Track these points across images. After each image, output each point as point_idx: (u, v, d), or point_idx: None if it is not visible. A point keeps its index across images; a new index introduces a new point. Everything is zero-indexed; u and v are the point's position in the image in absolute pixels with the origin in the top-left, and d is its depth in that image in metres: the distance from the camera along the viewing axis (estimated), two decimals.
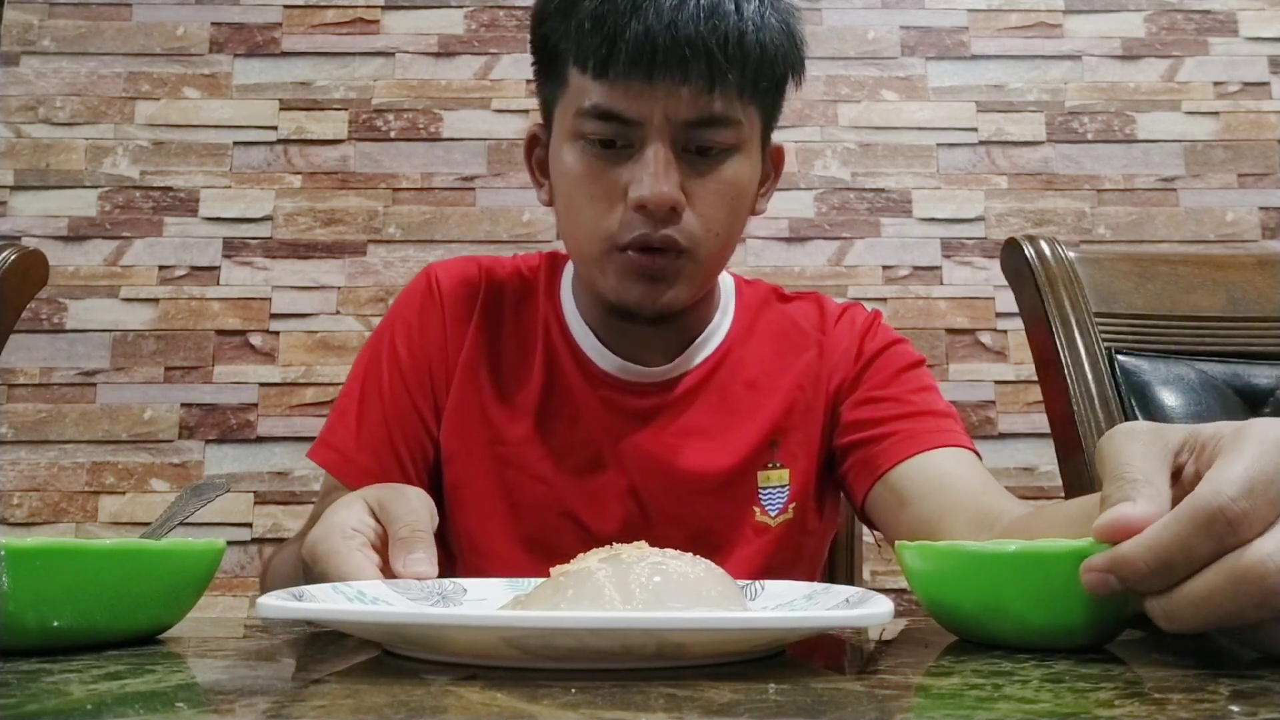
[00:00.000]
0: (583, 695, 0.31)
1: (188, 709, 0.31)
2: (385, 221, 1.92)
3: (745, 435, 0.84)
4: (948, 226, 1.95)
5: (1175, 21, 2.02)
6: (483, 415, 0.84)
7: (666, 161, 0.72)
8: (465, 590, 0.54)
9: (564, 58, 0.75)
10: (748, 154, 0.77)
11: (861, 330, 0.88)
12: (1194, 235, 1.95)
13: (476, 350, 0.85)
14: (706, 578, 0.44)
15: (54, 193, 1.90)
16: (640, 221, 0.73)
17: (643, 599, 0.41)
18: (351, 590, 0.48)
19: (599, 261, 0.76)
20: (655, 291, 0.76)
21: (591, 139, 0.74)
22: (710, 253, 0.77)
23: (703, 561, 0.45)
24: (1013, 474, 1.86)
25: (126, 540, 0.43)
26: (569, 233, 0.79)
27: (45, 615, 0.40)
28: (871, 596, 0.41)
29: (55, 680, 0.35)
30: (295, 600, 0.41)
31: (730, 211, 0.77)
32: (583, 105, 0.74)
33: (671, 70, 0.70)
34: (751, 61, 0.72)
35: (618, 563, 0.43)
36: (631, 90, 0.71)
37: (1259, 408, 0.85)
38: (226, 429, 1.84)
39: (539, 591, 0.45)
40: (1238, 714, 0.29)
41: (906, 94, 2.00)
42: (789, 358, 0.87)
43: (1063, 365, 0.83)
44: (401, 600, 0.50)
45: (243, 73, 1.97)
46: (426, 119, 1.96)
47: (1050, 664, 0.38)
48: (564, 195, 0.78)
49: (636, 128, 0.73)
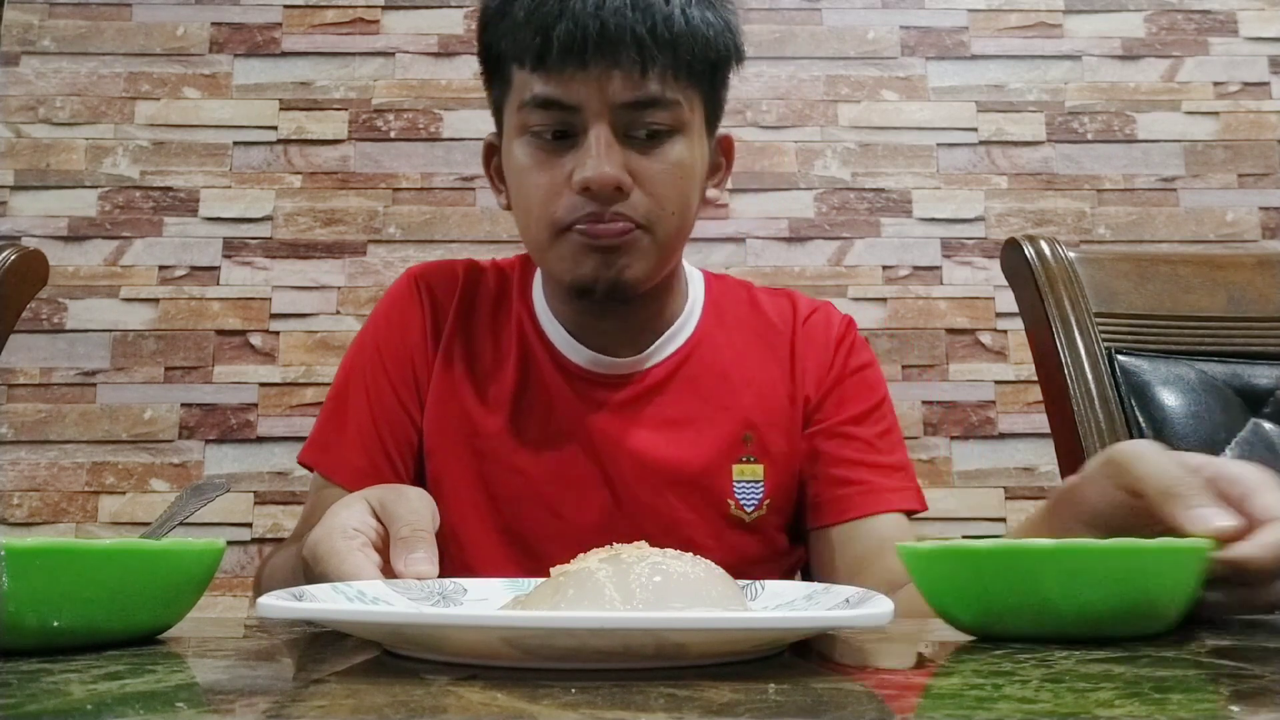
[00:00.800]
0: (583, 695, 0.31)
1: (188, 709, 0.31)
2: (385, 221, 1.93)
3: (718, 428, 0.85)
4: (948, 226, 1.95)
5: (1175, 21, 2.02)
6: (460, 409, 0.85)
7: (608, 143, 0.74)
8: (465, 590, 0.54)
9: (505, 58, 0.79)
10: (690, 137, 0.79)
11: (836, 339, 0.90)
12: (1194, 235, 1.95)
13: (453, 346, 0.87)
14: (707, 578, 0.44)
15: (54, 193, 1.90)
16: (586, 203, 0.75)
17: (643, 599, 0.41)
18: (351, 590, 0.48)
19: (550, 246, 0.78)
20: (608, 264, 0.77)
21: (537, 130, 0.77)
22: (668, 229, 0.78)
23: (703, 562, 0.45)
24: (1013, 474, 1.86)
25: (126, 540, 0.43)
26: (522, 225, 0.81)
27: (45, 615, 0.40)
28: (872, 596, 0.41)
29: (55, 680, 0.35)
30: (295, 600, 0.41)
31: (679, 191, 0.78)
32: (525, 98, 0.76)
33: (603, 57, 0.73)
34: (683, 44, 0.75)
35: (618, 563, 0.43)
36: (567, 78, 0.74)
37: (1259, 408, 0.85)
38: (226, 429, 1.84)
39: (539, 592, 0.45)
40: (1238, 714, 0.29)
41: (906, 94, 2.00)
42: (761, 352, 0.89)
43: (1063, 365, 0.84)
44: (401, 600, 0.50)
45: (243, 73, 1.97)
46: (426, 119, 1.96)
47: (1050, 664, 0.38)
48: (515, 190, 0.81)
49: (577, 114, 0.75)
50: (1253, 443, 0.82)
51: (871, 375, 0.90)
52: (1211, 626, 0.48)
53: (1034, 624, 0.42)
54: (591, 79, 0.74)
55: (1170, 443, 0.81)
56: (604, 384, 0.86)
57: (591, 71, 0.74)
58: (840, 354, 0.89)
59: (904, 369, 1.90)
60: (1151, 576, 0.42)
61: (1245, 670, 0.36)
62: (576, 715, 0.29)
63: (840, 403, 0.88)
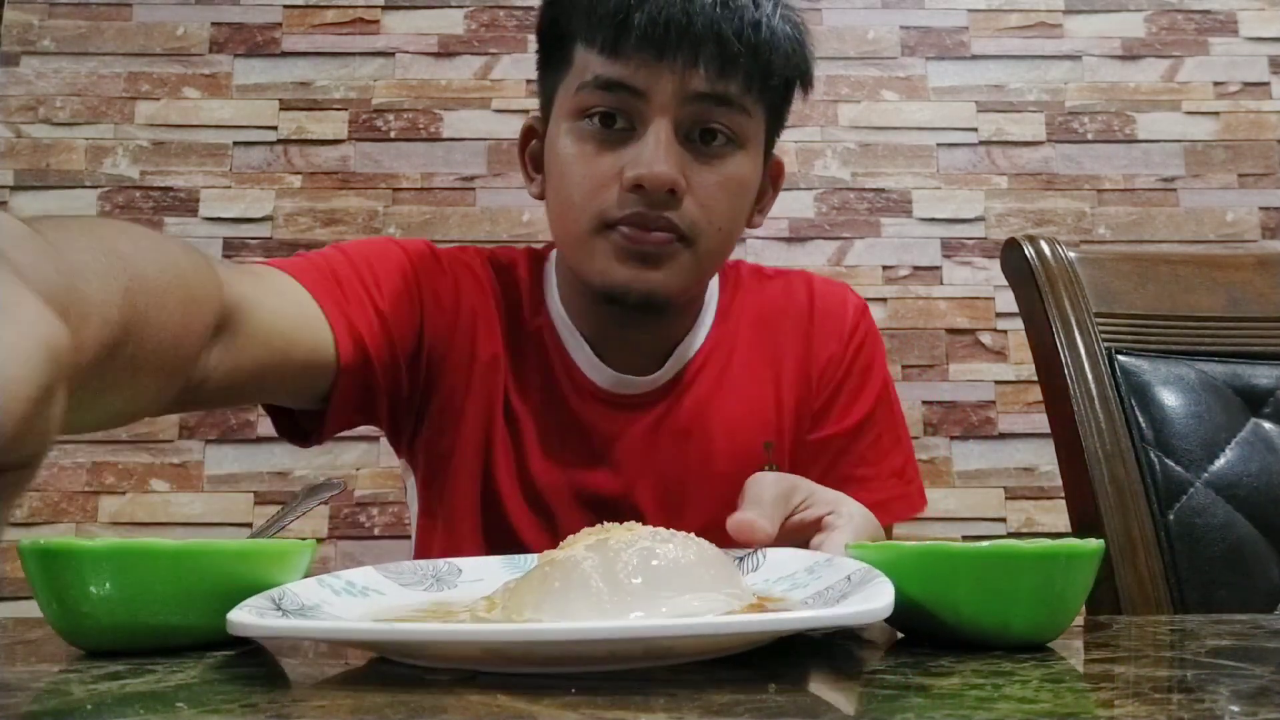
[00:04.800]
0: (583, 695, 0.31)
1: (188, 709, 0.31)
2: (385, 221, 1.92)
3: (738, 438, 0.82)
4: (948, 226, 1.95)
5: (1175, 21, 2.02)
6: (489, 411, 0.80)
7: (668, 142, 0.70)
8: (460, 571, 0.52)
9: (571, 38, 0.73)
10: (751, 153, 0.75)
11: (850, 329, 0.87)
12: (1194, 235, 1.95)
13: (474, 349, 0.81)
14: (698, 561, 0.42)
15: (54, 193, 1.90)
16: (635, 201, 0.70)
17: (631, 589, 0.40)
18: (339, 582, 0.46)
19: (587, 242, 0.73)
20: (644, 274, 0.72)
21: (592, 114, 0.72)
22: (710, 246, 0.74)
23: (695, 542, 0.44)
24: (1013, 474, 1.86)
25: (237, 541, 0.43)
26: (558, 214, 0.76)
27: (152, 615, 0.40)
28: (875, 577, 0.40)
29: (55, 680, 0.35)
30: (274, 605, 0.40)
31: (732, 206, 0.74)
32: (586, 78, 0.71)
33: (683, 50, 0.69)
34: (764, 54, 0.71)
35: (605, 549, 0.42)
36: (639, 65, 0.70)
37: (1259, 408, 0.85)
38: (226, 429, 1.84)
39: (527, 582, 0.43)
40: (1238, 714, 0.29)
41: (906, 94, 2.00)
42: (774, 348, 0.86)
43: (1063, 365, 0.83)
44: (393, 587, 0.48)
45: (243, 73, 1.97)
46: (426, 119, 1.96)
47: (1050, 664, 0.38)
48: (556, 177, 0.75)
49: (640, 102, 0.70)
50: (1253, 443, 0.82)
51: (878, 368, 0.87)
52: (1211, 626, 0.48)
53: (945, 627, 0.42)
54: (664, 70, 0.69)
55: (1170, 442, 0.82)
56: (627, 405, 0.82)
57: (665, 62, 0.69)
58: (851, 349, 0.86)
59: (904, 369, 1.90)
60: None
61: (1245, 670, 0.36)
62: (577, 715, 0.29)
63: (843, 407, 0.85)
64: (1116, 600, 0.76)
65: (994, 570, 0.41)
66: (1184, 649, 0.42)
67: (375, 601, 0.47)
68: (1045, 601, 0.41)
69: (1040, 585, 0.41)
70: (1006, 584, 0.40)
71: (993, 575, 0.41)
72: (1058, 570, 0.41)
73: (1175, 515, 0.79)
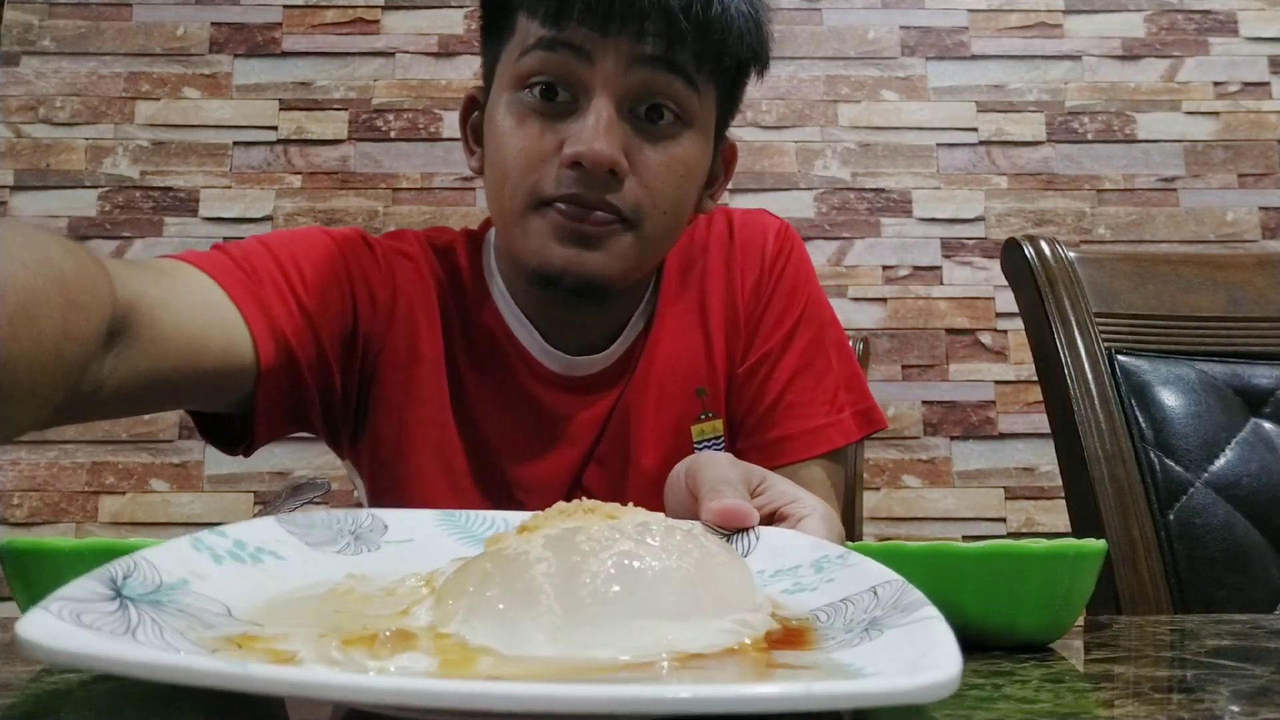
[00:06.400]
0: None
1: (188, 709, 0.31)
2: (385, 221, 1.92)
3: (671, 389, 0.79)
4: (948, 226, 1.95)
5: (1175, 21, 2.02)
6: (438, 420, 0.77)
7: (610, 120, 0.66)
8: (386, 527, 0.43)
9: (515, 6, 0.69)
10: (700, 133, 0.72)
11: (772, 257, 0.82)
12: (1194, 235, 1.95)
13: (416, 343, 0.77)
14: (697, 572, 0.33)
15: (54, 193, 1.90)
16: (574, 180, 0.66)
17: (590, 614, 0.30)
18: (225, 541, 0.36)
19: (521, 219, 0.69)
20: (582, 255, 0.68)
21: (533, 85, 0.68)
22: (655, 230, 0.70)
23: (696, 543, 0.35)
24: (1013, 474, 1.86)
25: None
26: (494, 189, 0.71)
27: None
28: (918, 606, 0.29)
29: (55, 680, 0.35)
30: (110, 590, 0.29)
31: (679, 188, 0.70)
32: (528, 42, 0.68)
33: (628, 23, 0.65)
34: (714, 32, 0.68)
35: (569, 550, 0.32)
36: (583, 33, 0.66)
37: (1259, 408, 0.85)
38: None
39: (465, 577, 0.34)
40: (1238, 714, 0.29)
41: (906, 94, 2.00)
42: (700, 291, 0.82)
43: (1063, 365, 0.83)
44: (298, 548, 0.39)
45: (243, 73, 1.97)
46: (426, 119, 1.96)
47: (1050, 664, 0.38)
48: (494, 150, 0.71)
49: (584, 68, 0.66)
50: (1253, 443, 0.82)
51: (799, 294, 0.82)
52: (1211, 626, 0.48)
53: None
54: (609, 41, 0.66)
55: (1170, 443, 0.82)
56: (583, 387, 0.79)
57: (610, 36, 0.65)
58: (774, 272, 0.82)
59: (904, 369, 1.90)
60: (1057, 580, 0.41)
61: (1245, 670, 0.36)
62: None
63: (767, 331, 0.81)
64: (1116, 600, 0.76)
65: (1001, 570, 0.41)
66: (1184, 649, 0.42)
67: (269, 571, 0.37)
68: (1051, 601, 0.41)
69: (1047, 585, 0.41)
70: (1013, 584, 0.40)
71: (999, 575, 0.40)
72: (1064, 570, 0.41)
73: (1175, 515, 0.79)
